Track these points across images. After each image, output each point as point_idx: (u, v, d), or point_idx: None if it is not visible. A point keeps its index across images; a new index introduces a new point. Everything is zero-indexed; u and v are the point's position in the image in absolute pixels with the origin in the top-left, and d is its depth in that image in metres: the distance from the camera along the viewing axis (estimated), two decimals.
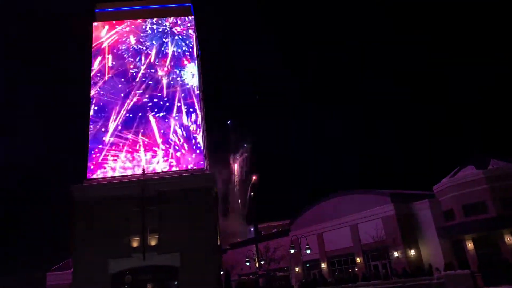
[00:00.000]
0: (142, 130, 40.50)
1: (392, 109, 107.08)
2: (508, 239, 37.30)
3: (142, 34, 44.48)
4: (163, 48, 44.01)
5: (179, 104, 41.69)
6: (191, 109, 41.43)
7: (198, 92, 42.57)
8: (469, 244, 39.67)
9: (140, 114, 41.10)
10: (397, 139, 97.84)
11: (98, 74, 42.58)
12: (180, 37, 44.54)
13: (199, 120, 41.29)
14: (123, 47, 43.86)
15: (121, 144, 39.84)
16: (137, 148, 39.84)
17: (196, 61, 44.00)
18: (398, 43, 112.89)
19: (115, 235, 34.54)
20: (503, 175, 38.74)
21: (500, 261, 35.68)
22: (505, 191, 37.98)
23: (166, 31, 44.70)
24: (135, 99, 41.75)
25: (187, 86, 42.39)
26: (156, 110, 41.38)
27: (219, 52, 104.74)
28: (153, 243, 34.73)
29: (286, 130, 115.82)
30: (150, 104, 41.51)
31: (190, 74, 42.94)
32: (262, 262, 48.87)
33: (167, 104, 41.60)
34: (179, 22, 45.14)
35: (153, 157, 39.52)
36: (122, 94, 41.84)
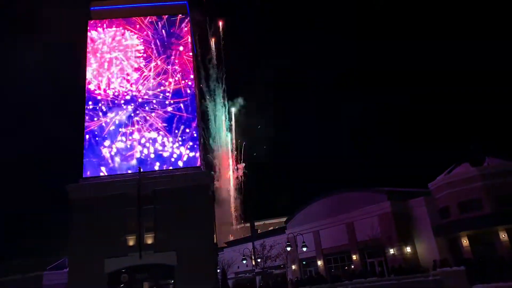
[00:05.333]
0: (139, 128, 40.44)
1: (389, 107, 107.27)
2: (503, 236, 37.50)
3: (140, 35, 44.34)
4: (160, 50, 43.90)
5: (175, 103, 41.64)
6: (188, 108, 41.41)
7: (193, 90, 42.53)
8: (465, 241, 39.86)
9: (136, 112, 41.03)
10: (393, 136, 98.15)
11: (94, 73, 42.44)
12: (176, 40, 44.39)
13: (195, 119, 41.29)
14: (120, 47, 43.73)
15: (117, 142, 39.76)
16: (134, 146, 39.78)
17: (192, 61, 43.94)
18: (395, 41, 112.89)
19: (111, 234, 34.51)
20: (498, 172, 38.93)
21: (495, 258, 35.89)
22: (500, 188, 38.16)
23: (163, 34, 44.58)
24: (130, 97, 41.67)
25: (183, 85, 42.34)
26: (152, 108, 41.32)
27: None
28: (149, 241, 34.73)
29: (283, 127, 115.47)
30: (146, 102, 41.43)
31: (187, 77, 42.89)
32: (259, 260, 48.91)
33: (163, 102, 41.54)
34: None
35: (150, 154, 39.47)
36: (119, 93, 41.73)
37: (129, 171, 38.55)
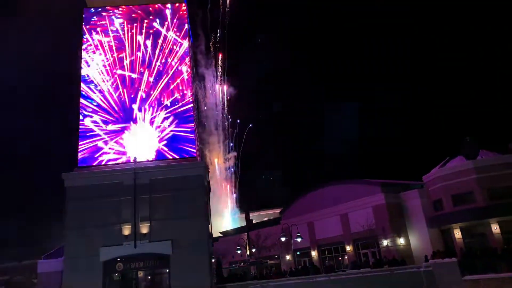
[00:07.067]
0: (134, 117, 40.31)
1: (384, 100, 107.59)
2: (495, 228, 37.99)
3: (135, 24, 44.01)
4: (158, 39, 43.61)
5: (171, 93, 41.50)
6: (185, 98, 41.29)
7: (190, 79, 42.39)
8: (457, 233, 40.36)
9: (132, 98, 40.88)
10: (388, 129, 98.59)
11: (90, 57, 42.15)
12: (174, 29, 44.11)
13: (191, 105, 41.19)
14: (115, 34, 43.39)
15: (112, 131, 39.64)
16: (129, 135, 39.69)
17: (189, 51, 43.71)
18: (392, 37, 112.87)
19: (106, 223, 34.52)
20: (491, 166, 39.28)
21: (487, 250, 36.40)
22: (493, 182, 38.53)
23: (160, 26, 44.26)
24: (126, 83, 41.47)
25: (180, 76, 42.17)
26: (147, 96, 41.17)
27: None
28: (144, 231, 34.80)
29: (278, 118, 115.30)
30: (142, 90, 41.28)
31: (183, 64, 42.68)
32: (253, 250, 49.26)
33: (159, 90, 41.38)
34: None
35: (145, 144, 39.41)
36: (113, 79, 41.51)
37: (125, 160, 38.50)
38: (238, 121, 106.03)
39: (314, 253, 50.89)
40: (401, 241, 42.77)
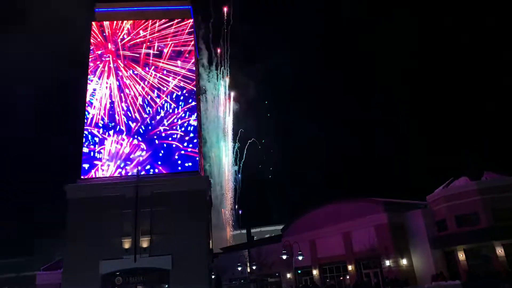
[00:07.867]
0: (138, 131, 40.47)
1: (388, 118, 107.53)
2: (500, 251, 37.39)
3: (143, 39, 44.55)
4: (164, 51, 44.09)
5: (176, 107, 41.72)
6: (188, 114, 41.49)
7: (195, 96, 42.67)
8: (461, 255, 39.73)
9: (136, 115, 41.09)
10: (392, 148, 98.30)
11: (94, 74, 42.57)
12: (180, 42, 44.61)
13: (195, 123, 41.35)
14: (123, 51, 43.90)
15: (116, 144, 39.76)
16: (133, 148, 39.78)
17: (195, 67, 44.12)
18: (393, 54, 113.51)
19: (107, 235, 34.39)
20: (495, 187, 38.92)
21: (491, 273, 35.79)
22: (497, 203, 38.13)
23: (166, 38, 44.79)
24: (130, 100, 41.74)
25: (185, 91, 42.46)
26: (152, 111, 41.40)
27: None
28: (145, 245, 34.60)
29: (277, 133, 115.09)
30: (146, 106, 41.52)
31: (188, 80, 43.02)
32: (254, 267, 48.68)
33: (164, 106, 41.63)
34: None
35: (148, 158, 39.46)
36: (118, 94, 41.84)
37: (128, 173, 38.52)
38: (241, 130, 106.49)
39: (315, 272, 50.17)
40: (403, 261, 42.13)
